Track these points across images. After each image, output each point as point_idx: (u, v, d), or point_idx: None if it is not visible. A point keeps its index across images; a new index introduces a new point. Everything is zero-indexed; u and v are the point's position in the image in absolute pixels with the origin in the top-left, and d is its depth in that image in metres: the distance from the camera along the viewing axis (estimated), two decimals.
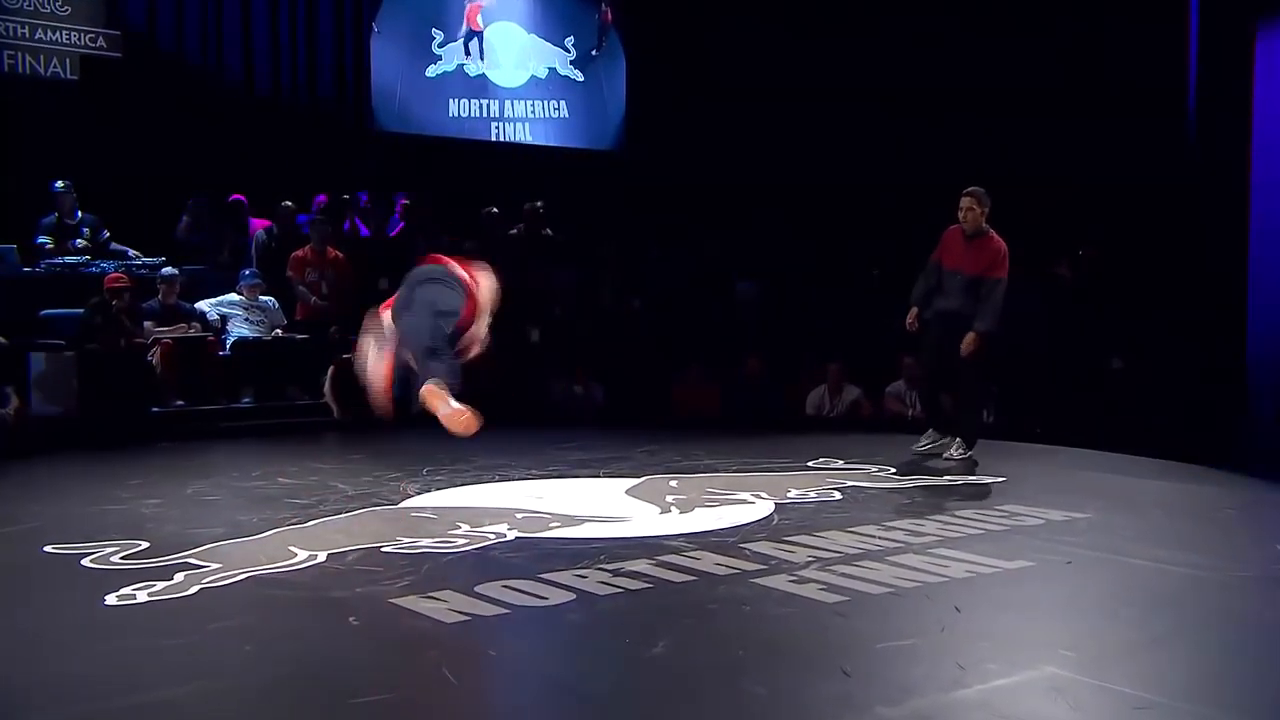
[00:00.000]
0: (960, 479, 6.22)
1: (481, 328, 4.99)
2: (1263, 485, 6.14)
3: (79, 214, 9.33)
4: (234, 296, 9.16)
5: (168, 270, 8.99)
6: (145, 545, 4.53)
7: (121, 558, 4.37)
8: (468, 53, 12.86)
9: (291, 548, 4.49)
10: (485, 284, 5.02)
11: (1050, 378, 8.81)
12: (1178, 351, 8.85)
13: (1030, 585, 4.10)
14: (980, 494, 5.78)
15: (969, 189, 6.82)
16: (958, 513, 5.20)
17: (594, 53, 13.45)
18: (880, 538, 4.67)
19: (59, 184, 9.22)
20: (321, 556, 4.38)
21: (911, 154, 11.29)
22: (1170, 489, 6.10)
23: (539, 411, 9.40)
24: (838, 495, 5.67)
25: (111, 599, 3.82)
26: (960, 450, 6.74)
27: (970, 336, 6.57)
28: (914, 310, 6.90)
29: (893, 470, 6.37)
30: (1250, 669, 3.28)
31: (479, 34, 12.95)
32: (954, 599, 3.83)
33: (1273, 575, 4.19)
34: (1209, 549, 4.56)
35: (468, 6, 12.89)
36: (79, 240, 9.22)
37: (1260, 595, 3.96)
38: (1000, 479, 6.19)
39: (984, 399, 6.97)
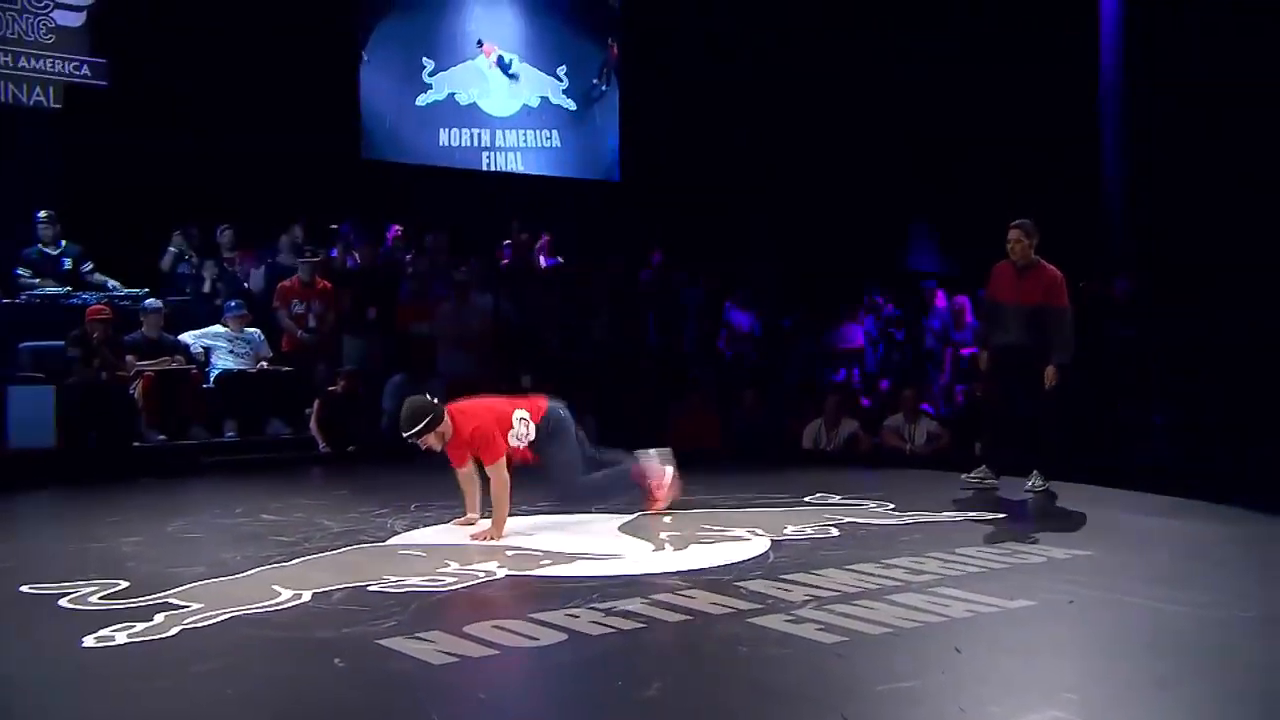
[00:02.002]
0: (969, 514, 6.14)
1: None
2: (1266, 521, 6.07)
3: (61, 244, 9.25)
4: (219, 328, 9.07)
5: (151, 302, 8.89)
6: (125, 585, 4.43)
7: (100, 598, 4.26)
8: (511, 79, 12.94)
9: (275, 587, 4.39)
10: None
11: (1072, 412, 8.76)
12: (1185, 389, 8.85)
13: (1032, 625, 4.02)
14: (981, 531, 5.70)
15: (1016, 221, 6.84)
16: (958, 550, 5.11)
17: (604, 88, 13.51)
18: (879, 576, 4.58)
19: (42, 214, 9.15)
20: (306, 596, 4.27)
21: (908, 185, 11.34)
22: (1174, 526, 6.03)
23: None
24: (835, 532, 5.58)
25: (90, 641, 3.71)
26: (1040, 481, 6.77)
27: (1050, 370, 6.64)
28: (984, 354, 7.01)
29: (892, 506, 6.29)
30: (1255, 711, 3.21)
31: (501, 59, 13.06)
32: (955, 639, 3.75)
33: (1276, 615, 4.12)
34: (1212, 588, 4.48)
35: (484, 46, 12.98)
36: (66, 265, 9.16)
37: (1264, 635, 3.89)
38: (1001, 515, 6.12)
39: (1062, 430, 6.98)
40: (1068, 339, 6.73)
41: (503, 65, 13.09)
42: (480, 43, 13.04)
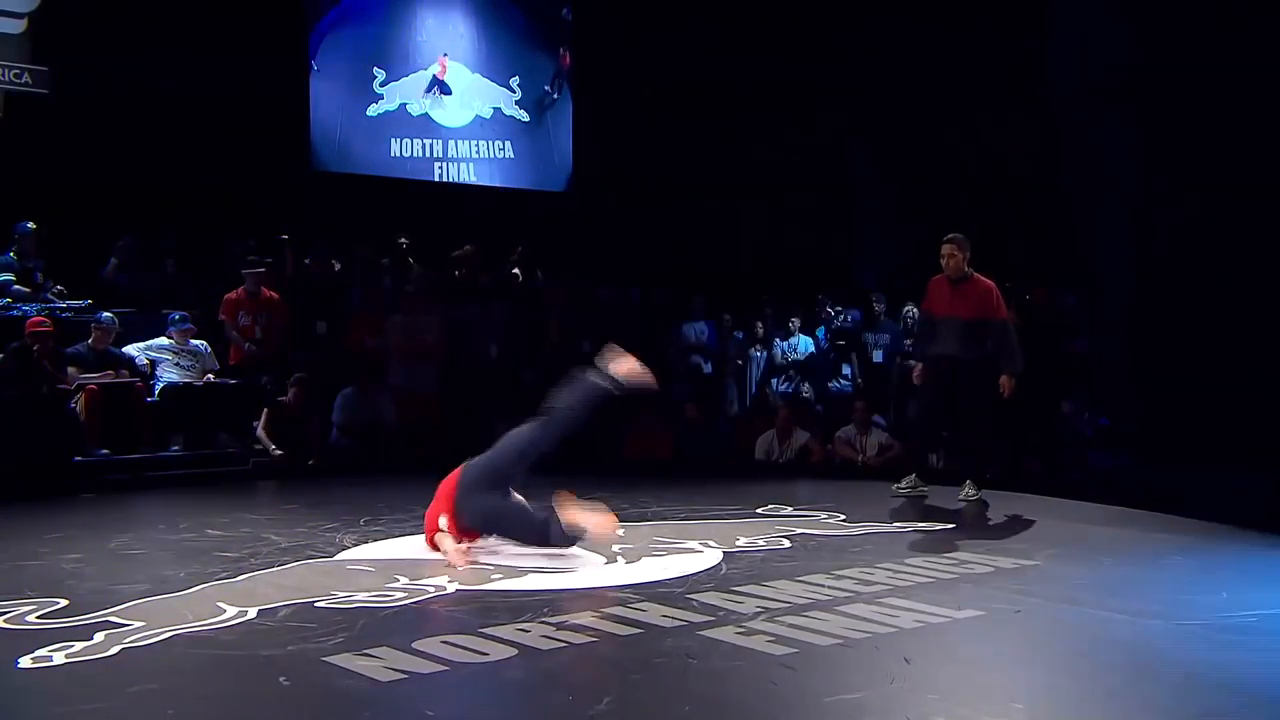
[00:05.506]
0: (917, 525, 6.19)
1: None
2: (1209, 530, 6.18)
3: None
4: (164, 340, 8.91)
5: (106, 316, 8.68)
6: (64, 603, 4.32)
7: (38, 617, 4.15)
8: (425, 92, 12.88)
9: (219, 604, 4.31)
10: None
11: (1000, 423, 8.87)
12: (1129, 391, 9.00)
13: (980, 635, 4.06)
14: (930, 541, 5.75)
15: (949, 236, 6.99)
16: (907, 560, 5.16)
17: (555, 96, 13.50)
18: (830, 587, 4.60)
19: (30, 225, 9.06)
20: (251, 613, 4.20)
21: (861, 192, 11.44)
22: (1120, 535, 6.12)
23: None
24: (787, 543, 5.60)
25: (26, 661, 3.63)
26: (973, 490, 6.86)
27: (1005, 380, 6.77)
28: (918, 366, 7.11)
29: (843, 517, 6.32)
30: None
31: (443, 83, 12.99)
32: (903, 650, 3.78)
33: (1221, 623, 4.18)
34: (1158, 597, 4.55)
35: (438, 58, 12.92)
36: (38, 278, 9.04)
37: (1209, 644, 3.95)
38: (950, 525, 6.18)
39: (993, 439, 7.08)
40: (1014, 349, 6.87)
41: (441, 85, 13.04)
42: (445, 54, 13.03)
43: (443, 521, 5.16)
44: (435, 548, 5.20)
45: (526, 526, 5.17)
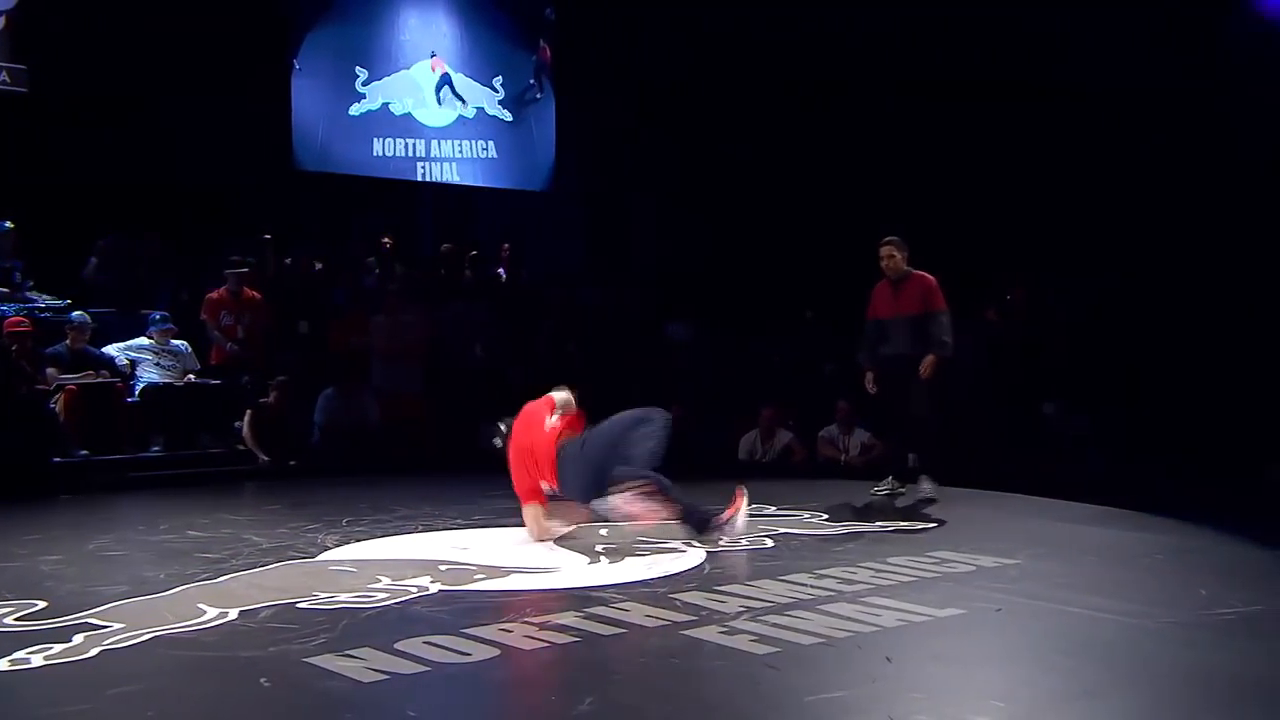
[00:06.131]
0: (900, 524, 6.21)
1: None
2: (1192, 529, 6.21)
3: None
4: (144, 340, 8.86)
5: (77, 315, 8.65)
6: (42, 605, 4.29)
7: (16, 619, 4.12)
8: (440, 102, 12.87)
9: (200, 605, 4.28)
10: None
11: (981, 422, 8.92)
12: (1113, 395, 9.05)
13: (962, 634, 4.06)
14: (912, 540, 5.76)
15: (886, 238, 7.11)
16: (890, 560, 5.16)
17: (538, 95, 13.48)
18: (812, 586, 4.60)
19: (8, 224, 8.98)
20: (232, 614, 4.18)
21: (839, 195, 11.44)
22: (1100, 534, 6.14)
23: (468, 459, 9.21)
24: (770, 543, 5.60)
25: (3, 664, 3.59)
26: (930, 485, 6.93)
27: (929, 359, 6.84)
28: (870, 374, 7.12)
29: (825, 516, 6.33)
30: (1182, 718, 3.25)
31: (447, 76, 12.97)
32: (886, 649, 3.78)
33: (1201, 621, 4.20)
34: (1139, 595, 4.57)
35: (431, 60, 12.89)
36: (16, 277, 8.97)
37: (1190, 642, 3.96)
38: (932, 525, 6.20)
39: (937, 431, 7.12)
40: (945, 338, 6.96)
41: (448, 81, 13.05)
42: (434, 54, 13.00)
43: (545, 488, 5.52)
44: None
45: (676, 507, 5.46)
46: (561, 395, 5.75)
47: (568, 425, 5.64)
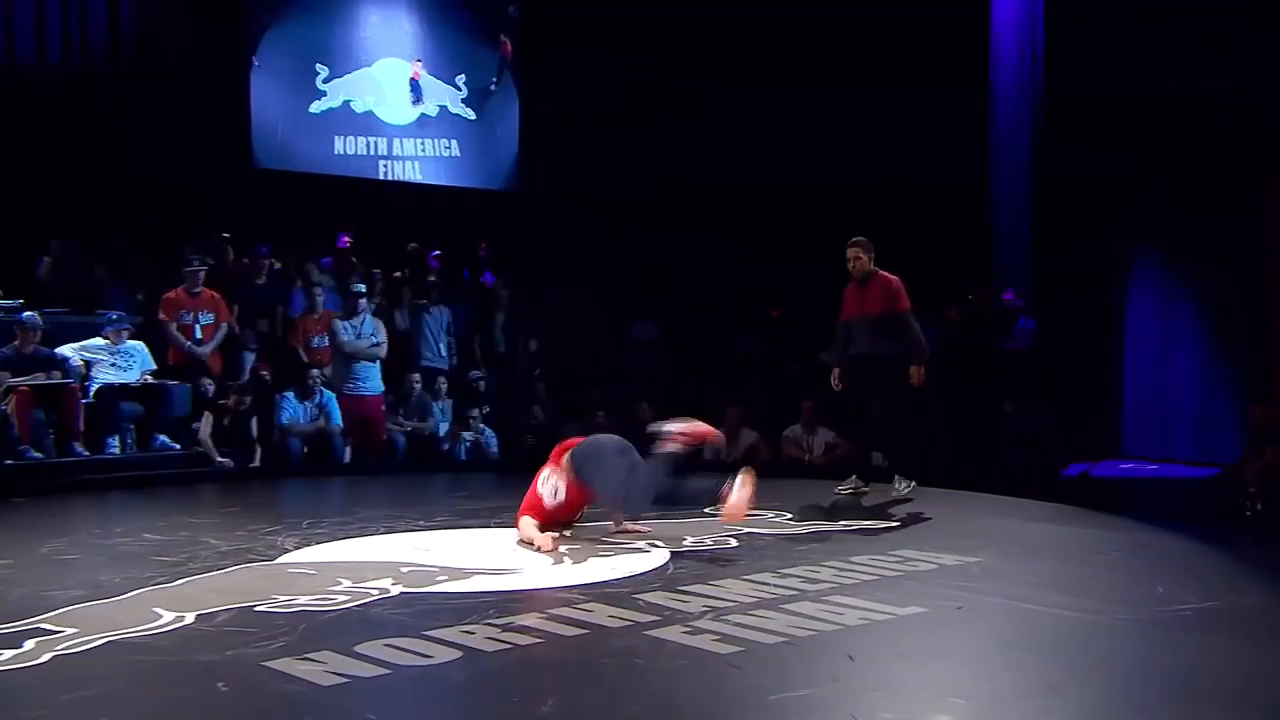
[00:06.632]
0: (863, 523, 6.23)
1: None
2: (1150, 526, 6.29)
3: None
4: (99, 341, 8.72)
5: (27, 315, 8.49)
6: None
7: None
8: (416, 102, 12.84)
9: (156, 609, 4.21)
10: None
11: (943, 421, 8.98)
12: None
13: (923, 632, 4.09)
14: (876, 539, 5.79)
15: (853, 240, 7.18)
16: (853, 558, 5.18)
17: (493, 87, 13.41)
18: (776, 585, 4.61)
19: None
20: (189, 618, 4.11)
21: (805, 194, 11.47)
22: (1059, 532, 6.21)
23: (431, 459, 9.17)
24: (734, 542, 5.61)
25: None
26: (904, 484, 6.99)
27: (915, 371, 6.92)
28: (835, 371, 7.16)
29: (790, 516, 6.35)
30: (1140, 714, 3.28)
31: (418, 83, 12.94)
32: (848, 647, 3.79)
33: (1158, 618, 4.25)
34: (1097, 592, 4.62)
35: (413, 65, 12.84)
36: None
37: (1147, 639, 4.01)
38: (895, 524, 6.24)
39: (904, 432, 7.16)
40: (918, 339, 7.04)
41: (415, 86, 13.02)
42: (419, 59, 13.00)
43: (544, 473, 5.67)
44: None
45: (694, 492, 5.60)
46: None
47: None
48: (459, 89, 13.35)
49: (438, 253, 11.42)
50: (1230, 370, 9.60)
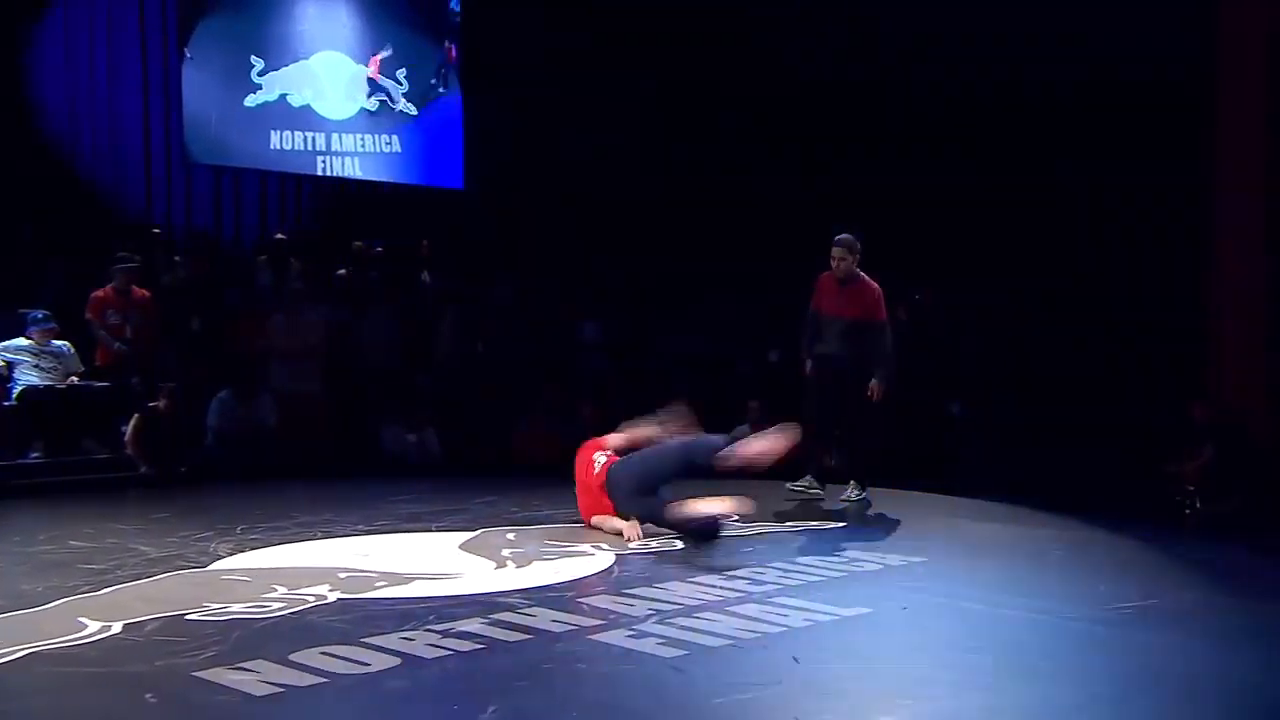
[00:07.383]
0: (809, 524, 6.22)
1: None
2: (1095, 526, 6.36)
3: None
4: (22, 341, 8.42)
5: None
6: None
7: None
8: (370, 97, 12.67)
9: (81, 619, 4.07)
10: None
11: (889, 422, 9.00)
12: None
13: (868, 633, 4.10)
14: (821, 540, 5.79)
15: (839, 238, 7.00)
16: (798, 560, 5.19)
17: (441, 89, 13.25)
18: (721, 587, 4.59)
19: None
20: (116, 627, 3.98)
21: (764, 189, 11.46)
22: (1003, 531, 6.27)
23: (369, 461, 9.01)
24: (680, 544, 5.57)
25: None
26: (856, 491, 6.92)
27: (875, 386, 6.81)
28: (808, 362, 7.08)
29: (735, 517, 6.30)
30: (1083, 712, 3.29)
31: (377, 82, 12.77)
32: (793, 649, 3.79)
33: (1100, 617, 4.29)
34: (1043, 591, 4.66)
35: (370, 59, 12.62)
36: None
37: (1091, 637, 4.04)
38: (840, 524, 6.25)
39: (875, 439, 7.14)
40: (889, 355, 6.95)
41: (374, 85, 12.89)
42: (381, 56, 12.82)
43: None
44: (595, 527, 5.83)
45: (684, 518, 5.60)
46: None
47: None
48: (400, 84, 13.16)
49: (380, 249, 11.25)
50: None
